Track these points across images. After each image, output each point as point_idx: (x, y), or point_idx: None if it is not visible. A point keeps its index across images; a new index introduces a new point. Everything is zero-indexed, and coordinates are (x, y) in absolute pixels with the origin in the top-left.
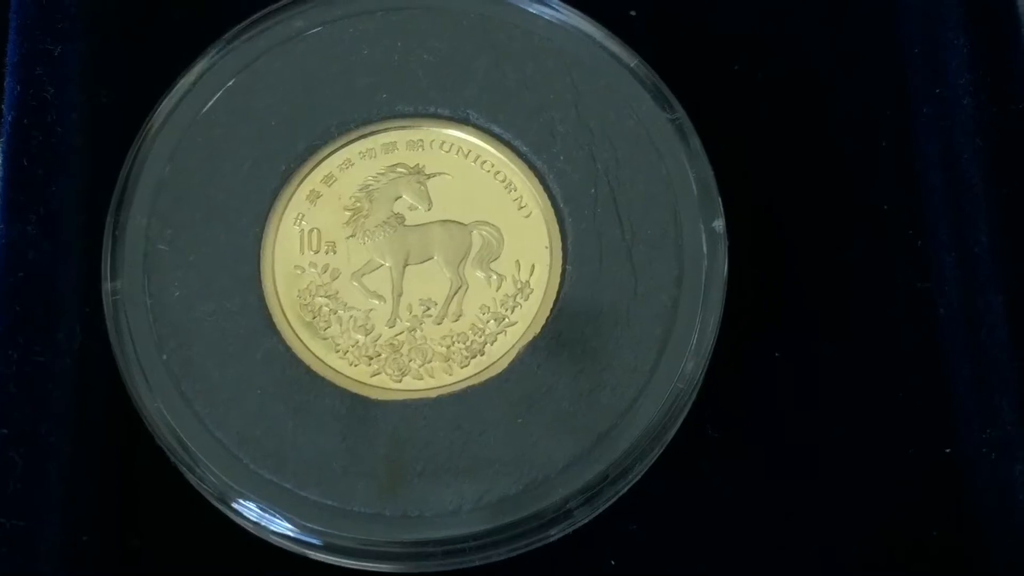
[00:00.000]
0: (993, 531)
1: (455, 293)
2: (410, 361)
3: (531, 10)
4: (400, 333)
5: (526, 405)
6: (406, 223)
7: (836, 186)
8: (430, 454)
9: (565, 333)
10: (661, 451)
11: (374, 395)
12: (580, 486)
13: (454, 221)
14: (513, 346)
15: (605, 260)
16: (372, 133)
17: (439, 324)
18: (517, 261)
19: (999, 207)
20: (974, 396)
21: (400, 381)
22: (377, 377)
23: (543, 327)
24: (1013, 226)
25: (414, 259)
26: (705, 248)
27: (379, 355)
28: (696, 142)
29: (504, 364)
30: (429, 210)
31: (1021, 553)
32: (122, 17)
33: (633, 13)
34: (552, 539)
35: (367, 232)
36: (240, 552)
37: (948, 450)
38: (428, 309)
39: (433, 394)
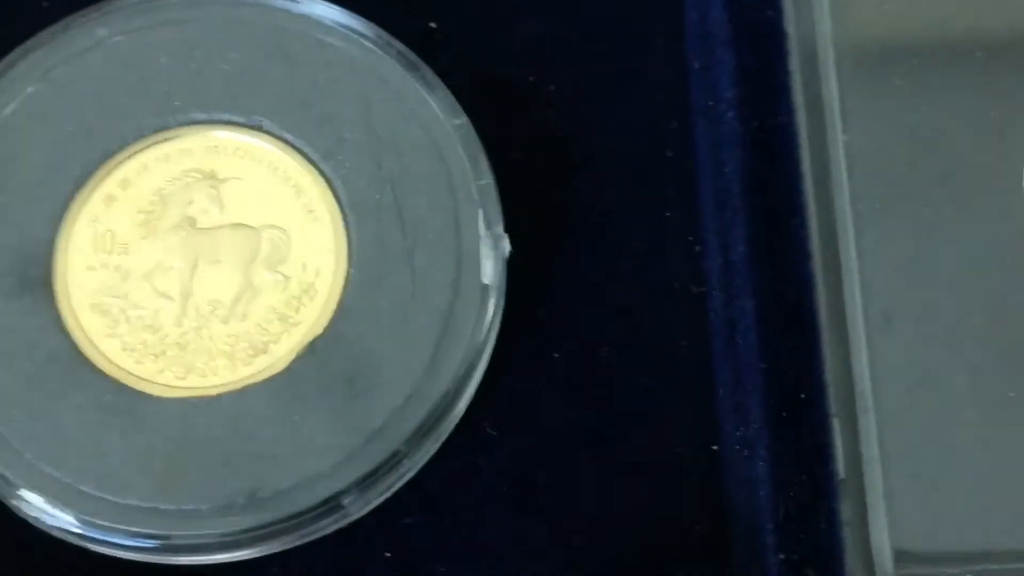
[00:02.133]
0: (740, 521)
1: (242, 294)
2: (195, 359)
3: (326, 22)
4: (186, 332)
5: (303, 403)
6: (197, 226)
7: (622, 194)
8: (207, 450)
9: (345, 333)
10: (436, 448)
11: (157, 392)
12: (352, 481)
13: (244, 224)
14: (295, 345)
15: (386, 264)
16: (168, 139)
17: (226, 323)
18: (304, 264)
19: (755, 216)
20: (731, 396)
21: (184, 379)
22: (162, 375)
23: (325, 327)
24: (766, 235)
25: (204, 261)
26: (482, 255)
27: (164, 353)
28: (481, 150)
29: (286, 362)
30: (221, 214)
31: (756, 541)
32: None
33: (433, 25)
34: (327, 531)
35: (159, 235)
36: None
37: (715, 447)
38: (215, 309)
39: (215, 391)
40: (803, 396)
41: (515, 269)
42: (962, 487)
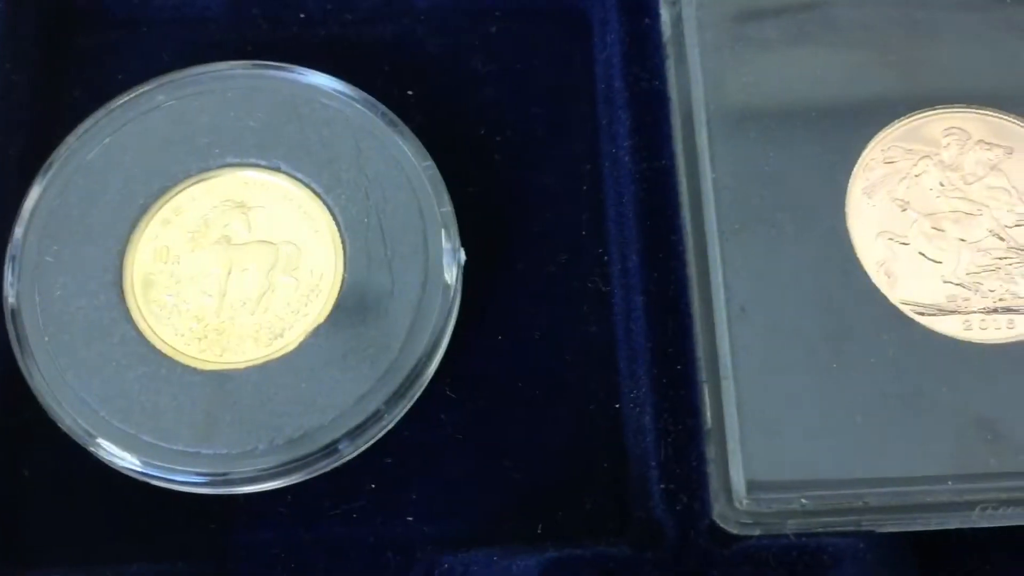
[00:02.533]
0: (633, 461)
1: (265, 292)
2: (229, 341)
3: (327, 89)
4: (223, 321)
5: (310, 374)
6: (232, 242)
7: (550, 218)
8: (236, 409)
9: (341, 322)
10: (409, 406)
11: (200, 366)
12: (345, 431)
13: (267, 241)
14: (304, 331)
15: (372, 270)
16: (209, 178)
17: (252, 315)
18: (311, 270)
19: (644, 235)
20: (628, 368)
21: (221, 356)
22: (204, 353)
23: (326, 317)
24: (652, 248)
25: (236, 268)
26: (444, 262)
27: (206, 337)
28: (443, 185)
29: (296, 344)
30: (249, 233)
31: (644, 475)
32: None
33: (410, 92)
34: (327, 469)
35: (203, 248)
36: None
37: (617, 406)
38: (244, 304)
39: (243, 366)
40: (679, 367)
41: (470, 274)
42: (798, 434)
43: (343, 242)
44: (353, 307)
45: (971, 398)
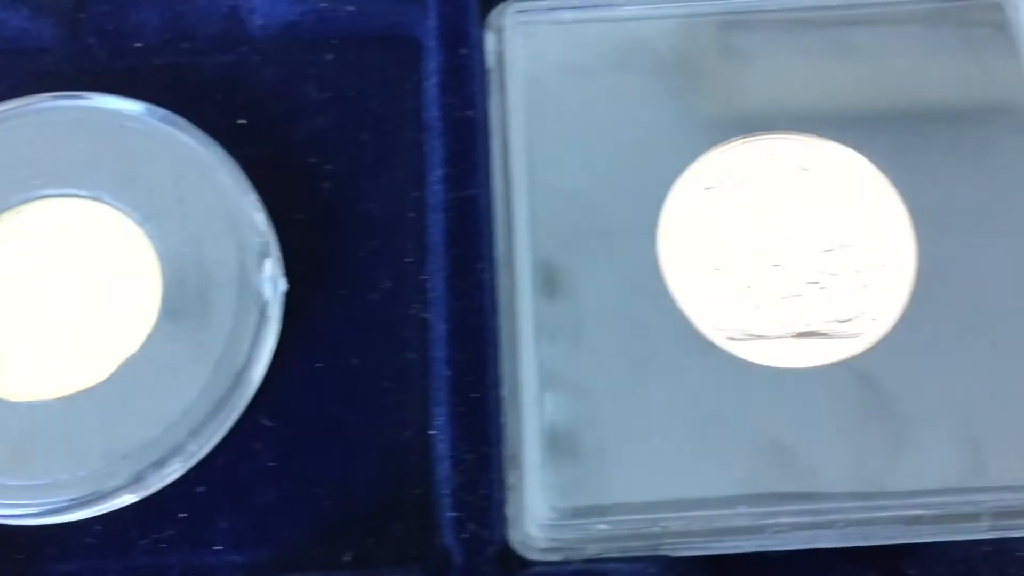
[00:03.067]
0: (434, 494)
1: (78, 323)
2: (38, 371)
3: (150, 120)
4: (33, 351)
5: (120, 404)
6: (48, 273)
7: (376, 244)
8: (44, 440)
9: (155, 352)
10: (221, 434)
11: (8, 397)
12: (152, 461)
13: (83, 271)
14: (117, 361)
15: (187, 300)
16: (27, 210)
17: (63, 345)
18: (127, 300)
19: (451, 262)
20: (440, 394)
21: (29, 386)
22: (12, 383)
23: (140, 347)
24: (457, 275)
25: (51, 299)
26: (264, 292)
27: (14, 366)
28: (264, 215)
29: (107, 374)
30: (66, 262)
31: (435, 502)
32: None
33: (243, 122)
34: (135, 499)
35: (19, 279)
36: None
37: (431, 433)
38: (56, 334)
39: (52, 396)
40: (477, 395)
41: (292, 303)
42: (599, 460)
43: (161, 272)
44: (167, 337)
45: (771, 422)
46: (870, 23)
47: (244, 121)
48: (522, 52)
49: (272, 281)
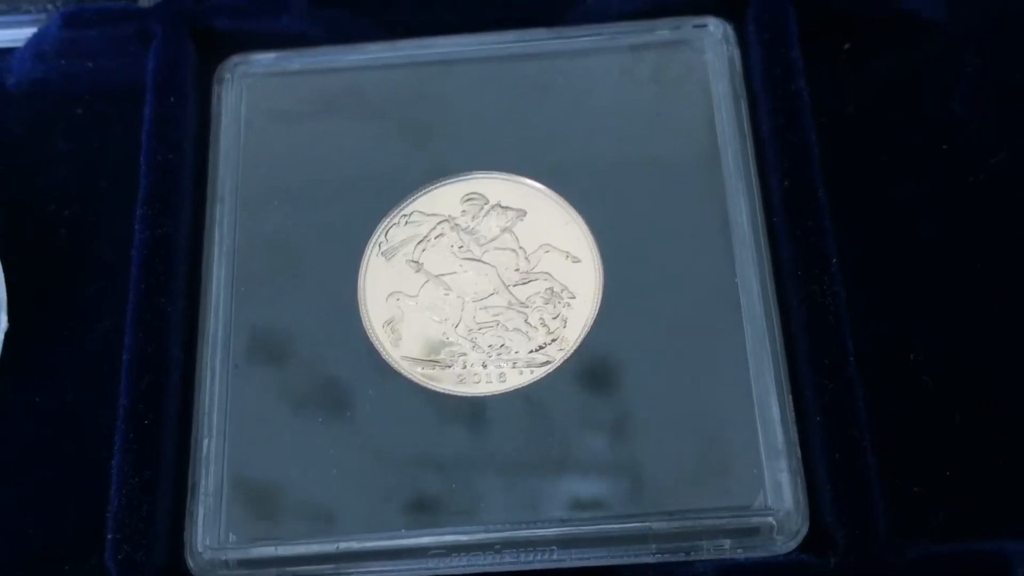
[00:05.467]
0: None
1: None
2: None
3: None
4: None
5: None
6: None
7: (104, 286)
8: None
9: None
10: None
11: None
12: None
13: None
14: None
15: None
16: None
17: None
18: None
19: (139, 298)
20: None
21: None
22: None
23: None
24: (143, 309)
25: None
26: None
27: None
28: None
29: None
30: None
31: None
32: None
33: None
34: None
35: None
36: None
37: None
38: None
39: None
40: (147, 422)
41: (16, 342)
42: (277, 487)
43: None
44: None
45: (448, 447)
46: (567, 62)
47: None
48: (239, 100)
49: None
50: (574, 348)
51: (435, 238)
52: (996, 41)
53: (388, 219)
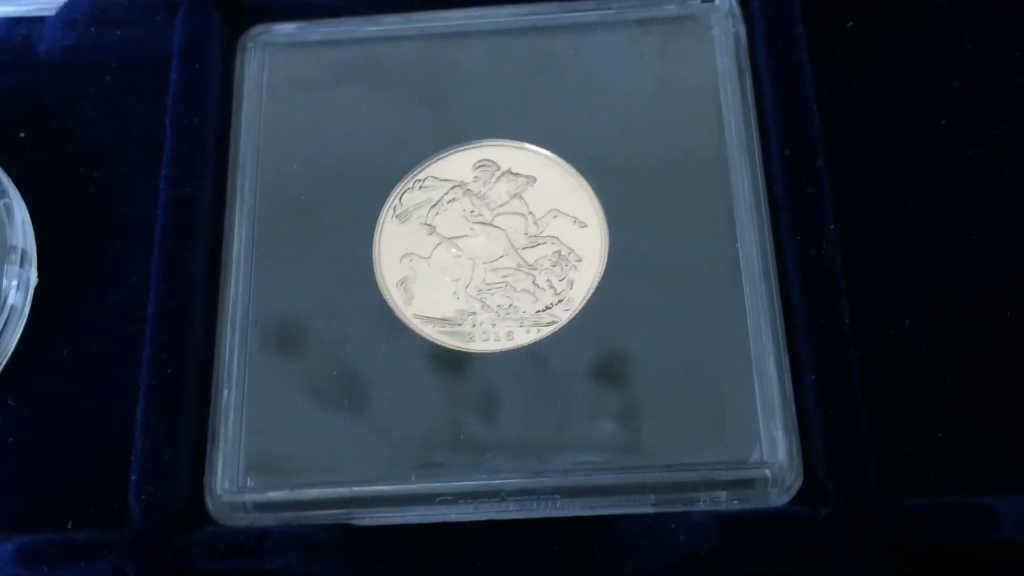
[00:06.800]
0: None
1: None
2: None
3: None
4: None
5: None
6: None
7: (130, 245)
8: None
9: None
10: None
11: None
12: None
13: None
14: None
15: None
16: None
17: None
18: None
19: (164, 253)
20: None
21: None
22: None
23: None
24: (167, 266)
25: None
26: (12, 286)
27: None
28: (18, 217)
29: None
30: None
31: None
32: None
33: (23, 135)
34: None
35: None
36: None
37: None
38: None
39: None
40: (169, 371)
41: (45, 297)
42: (293, 436)
43: None
44: None
45: (457, 401)
46: (577, 35)
47: (24, 135)
48: (261, 68)
49: (24, 276)
50: (579, 309)
51: (448, 202)
52: (996, 19)
53: (403, 184)
